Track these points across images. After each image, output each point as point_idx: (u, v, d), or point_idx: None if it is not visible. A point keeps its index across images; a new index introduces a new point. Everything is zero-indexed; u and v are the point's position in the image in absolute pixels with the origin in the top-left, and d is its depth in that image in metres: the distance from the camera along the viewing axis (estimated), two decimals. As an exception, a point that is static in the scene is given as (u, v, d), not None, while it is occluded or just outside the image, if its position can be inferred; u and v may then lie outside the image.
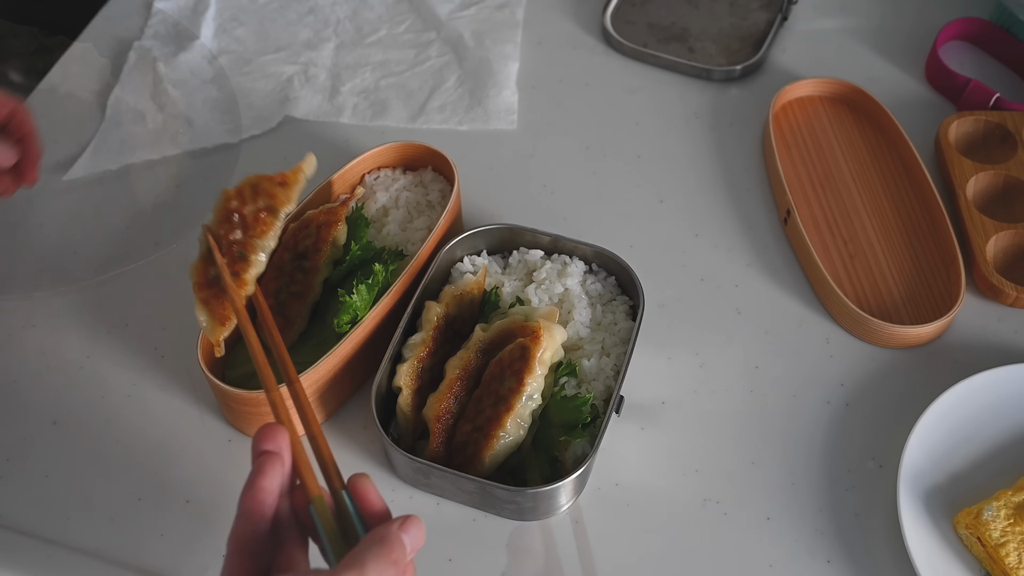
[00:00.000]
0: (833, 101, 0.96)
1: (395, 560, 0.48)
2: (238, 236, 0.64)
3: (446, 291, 0.75)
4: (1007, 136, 0.89)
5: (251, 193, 0.65)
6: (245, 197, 0.65)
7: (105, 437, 0.74)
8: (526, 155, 0.93)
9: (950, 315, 0.78)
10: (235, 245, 0.64)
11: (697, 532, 0.69)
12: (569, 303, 0.76)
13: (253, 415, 0.70)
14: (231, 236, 0.64)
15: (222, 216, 0.65)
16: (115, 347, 0.79)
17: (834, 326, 0.80)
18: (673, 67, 1.00)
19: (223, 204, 0.65)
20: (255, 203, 0.65)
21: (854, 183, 0.89)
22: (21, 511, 0.71)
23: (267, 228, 0.65)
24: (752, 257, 0.85)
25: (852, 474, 0.72)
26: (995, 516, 0.66)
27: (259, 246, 0.64)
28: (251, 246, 0.64)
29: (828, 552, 0.68)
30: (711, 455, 0.73)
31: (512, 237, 0.79)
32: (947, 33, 0.99)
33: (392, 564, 0.47)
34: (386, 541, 0.48)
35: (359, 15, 1.06)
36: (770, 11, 1.04)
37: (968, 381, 0.73)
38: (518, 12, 1.05)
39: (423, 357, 0.71)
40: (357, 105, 0.97)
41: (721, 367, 0.78)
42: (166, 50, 1.01)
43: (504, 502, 0.68)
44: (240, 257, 0.64)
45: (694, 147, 0.93)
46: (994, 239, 0.82)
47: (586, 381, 0.73)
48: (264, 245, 0.65)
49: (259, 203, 0.65)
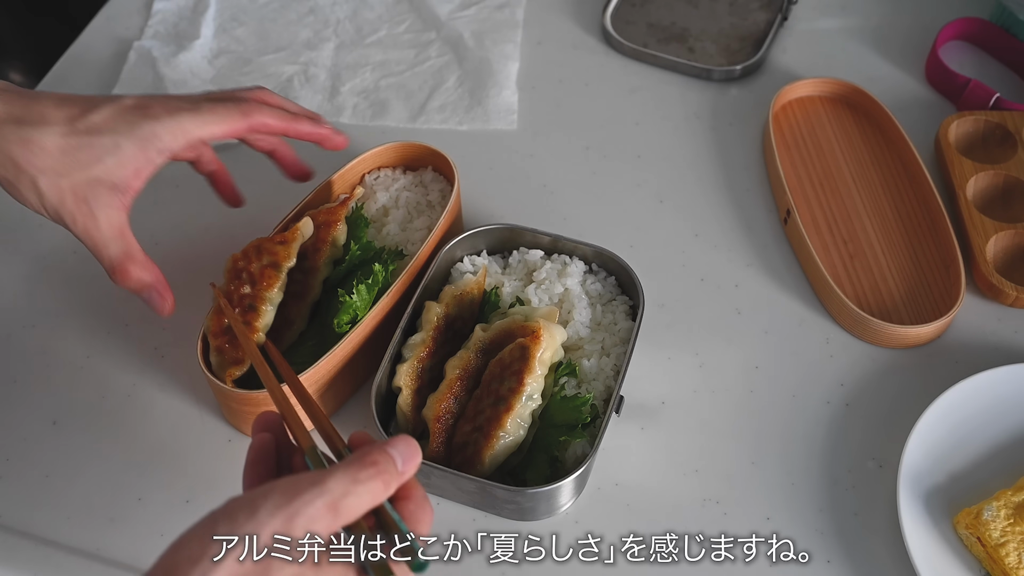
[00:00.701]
0: (833, 101, 0.96)
1: (373, 462, 0.48)
2: (247, 290, 0.71)
3: (446, 291, 0.75)
4: (1007, 136, 0.89)
5: (255, 253, 0.72)
6: (250, 257, 0.72)
7: (105, 437, 0.74)
8: (526, 155, 0.93)
9: (950, 315, 0.78)
10: (245, 298, 0.71)
11: (697, 532, 0.69)
12: (569, 303, 0.76)
13: (253, 415, 0.70)
14: (241, 291, 0.71)
15: (231, 275, 0.72)
16: (115, 347, 0.79)
17: (834, 326, 0.80)
18: (673, 67, 1.00)
19: (232, 265, 0.72)
20: (260, 261, 0.72)
21: (854, 183, 0.89)
22: (21, 511, 0.71)
23: (273, 282, 0.72)
24: (752, 257, 0.85)
25: (852, 474, 0.72)
26: (995, 516, 0.66)
27: (266, 298, 0.71)
28: (260, 298, 0.71)
29: (828, 552, 0.68)
30: (711, 455, 0.73)
31: (512, 237, 0.79)
32: (947, 33, 0.99)
33: (370, 466, 0.48)
34: (361, 455, 0.48)
35: (359, 15, 1.06)
36: (770, 11, 1.04)
37: (968, 381, 0.73)
38: (518, 12, 1.05)
39: (423, 357, 0.71)
40: (357, 105, 0.97)
41: (721, 367, 0.78)
42: (166, 50, 1.01)
43: (504, 502, 0.68)
44: (250, 308, 0.71)
45: (694, 147, 0.94)
46: (994, 239, 0.82)
47: (586, 381, 0.73)
48: (271, 297, 0.71)
49: (263, 260, 0.72)
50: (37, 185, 0.64)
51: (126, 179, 0.66)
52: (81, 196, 0.65)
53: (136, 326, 0.80)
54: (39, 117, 0.65)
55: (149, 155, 0.66)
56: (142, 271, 0.67)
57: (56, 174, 0.64)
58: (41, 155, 0.64)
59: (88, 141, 0.65)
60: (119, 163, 0.65)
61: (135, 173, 0.66)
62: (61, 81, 0.99)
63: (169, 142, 0.67)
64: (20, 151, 0.64)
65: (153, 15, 1.04)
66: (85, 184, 0.65)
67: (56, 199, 0.65)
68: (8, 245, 0.86)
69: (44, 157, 0.64)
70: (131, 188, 0.66)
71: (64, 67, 1.01)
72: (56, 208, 0.65)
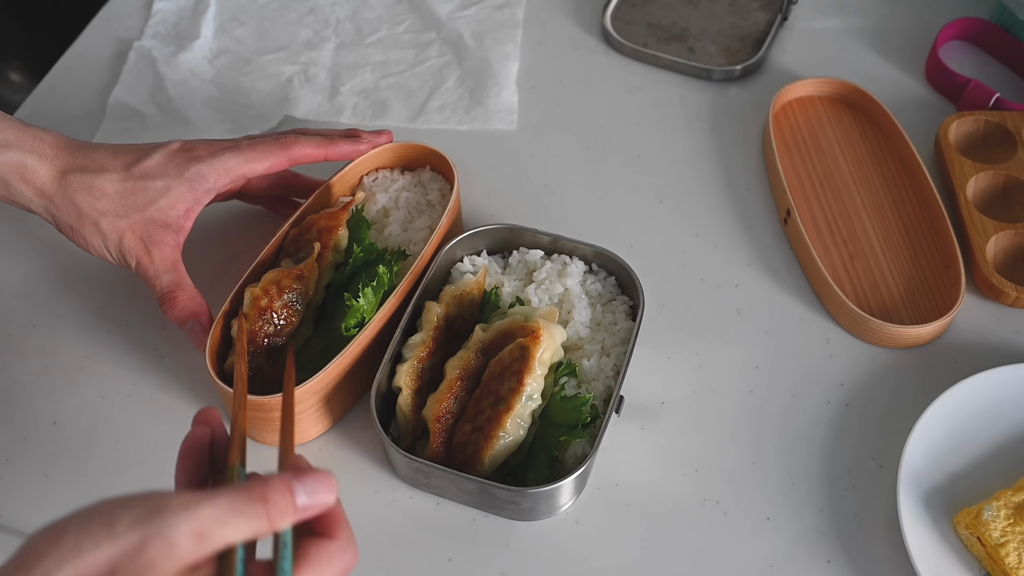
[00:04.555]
0: (833, 101, 0.96)
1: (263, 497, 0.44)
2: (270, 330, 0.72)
3: (446, 291, 0.75)
4: (1007, 136, 0.90)
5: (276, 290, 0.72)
6: (271, 294, 0.72)
7: (105, 437, 0.74)
8: (526, 155, 0.93)
9: (950, 315, 0.78)
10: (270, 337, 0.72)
11: (697, 532, 0.69)
12: (569, 303, 0.76)
13: (255, 419, 0.70)
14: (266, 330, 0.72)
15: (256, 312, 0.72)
16: (115, 347, 0.79)
17: (834, 326, 0.80)
18: (673, 67, 1.00)
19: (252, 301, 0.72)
20: (280, 298, 0.72)
21: (854, 183, 0.89)
22: (21, 511, 0.71)
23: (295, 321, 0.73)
24: (752, 257, 0.85)
25: (852, 474, 0.72)
26: (995, 516, 0.66)
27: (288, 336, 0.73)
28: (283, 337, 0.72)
29: (828, 552, 0.68)
30: (711, 455, 0.73)
31: (512, 237, 0.79)
32: (947, 33, 0.99)
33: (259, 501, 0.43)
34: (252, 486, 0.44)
35: (359, 15, 1.05)
36: (770, 11, 1.04)
37: (968, 381, 0.73)
38: (518, 12, 1.05)
39: (423, 357, 0.71)
40: (357, 105, 0.97)
41: (721, 367, 0.78)
42: (166, 50, 1.01)
43: (504, 502, 0.68)
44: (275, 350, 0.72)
45: (694, 147, 0.93)
46: (994, 239, 0.82)
47: (586, 381, 0.73)
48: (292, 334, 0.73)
49: (284, 298, 0.72)
50: (99, 226, 0.71)
51: (177, 218, 0.73)
52: (138, 234, 0.72)
53: (136, 326, 0.80)
54: (99, 165, 0.72)
55: (197, 194, 0.73)
56: (190, 301, 0.72)
57: (116, 215, 0.71)
58: (102, 199, 0.71)
59: (143, 185, 0.72)
60: (171, 203, 0.72)
61: (185, 213, 0.73)
62: (61, 81, 0.99)
63: (215, 181, 0.73)
64: (83, 197, 0.71)
65: (153, 15, 1.04)
66: (141, 224, 0.72)
67: (116, 238, 0.72)
68: (8, 245, 0.86)
69: (104, 201, 0.71)
70: (183, 228, 0.73)
71: (64, 67, 1.01)
72: (117, 246, 0.72)
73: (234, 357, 0.70)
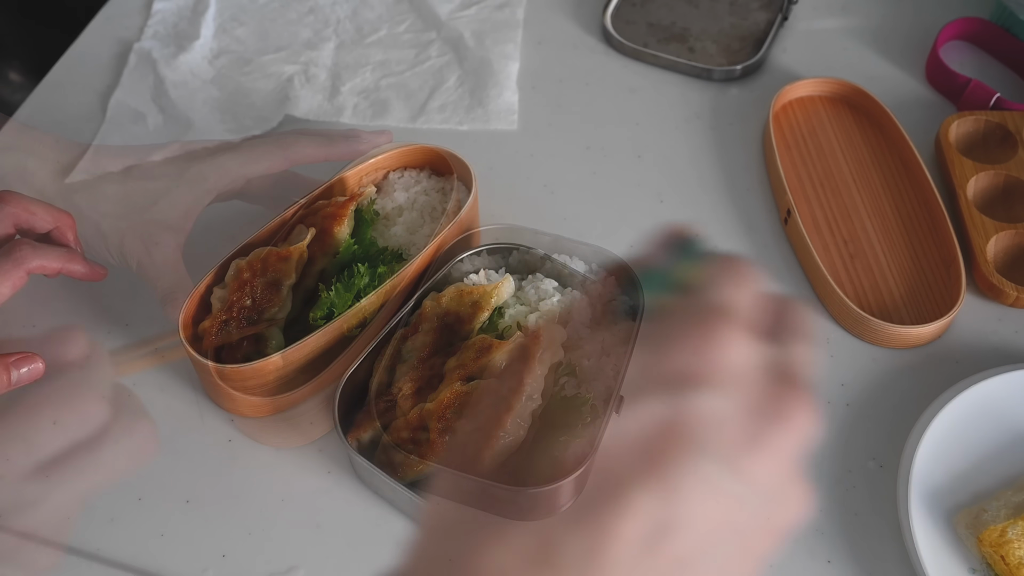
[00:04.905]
0: (833, 101, 0.96)
1: None
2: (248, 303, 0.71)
3: (447, 291, 0.75)
4: (1007, 136, 0.89)
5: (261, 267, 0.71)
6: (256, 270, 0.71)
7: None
8: (526, 155, 0.93)
9: (950, 315, 0.78)
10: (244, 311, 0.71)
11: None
12: (569, 303, 0.76)
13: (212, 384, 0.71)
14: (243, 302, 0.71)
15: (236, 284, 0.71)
16: (115, 347, 0.79)
17: (834, 326, 0.80)
18: (673, 67, 1.00)
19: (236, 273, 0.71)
20: (264, 276, 0.71)
21: (854, 183, 0.89)
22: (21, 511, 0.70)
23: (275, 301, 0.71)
24: (752, 257, 0.85)
25: (852, 474, 0.72)
26: (1020, 535, 0.65)
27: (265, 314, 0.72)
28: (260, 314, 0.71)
29: (828, 552, 0.68)
30: (711, 455, 0.73)
31: (512, 237, 0.79)
32: (947, 33, 0.99)
33: None
34: None
35: (359, 15, 1.05)
36: (770, 11, 1.04)
37: (968, 381, 0.73)
38: (518, 12, 1.05)
39: (423, 357, 0.71)
40: (357, 105, 0.97)
41: (721, 367, 0.78)
42: (166, 51, 1.01)
43: (504, 502, 0.68)
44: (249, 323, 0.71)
45: (694, 147, 0.93)
46: (994, 239, 0.82)
47: (586, 381, 0.72)
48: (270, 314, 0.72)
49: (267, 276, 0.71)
50: (100, 228, 0.71)
51: (178, 219, 0.72)
52: (139, 235, 0.71)
53: (136, 326, 0.80)
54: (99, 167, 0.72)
55: (197, 195, 0.73)
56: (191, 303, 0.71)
57: (116, 217, 0.71)
58: (103, 201, 0.71)
59: (143, 186, 0.72)
60: (171, 204, 0.72)
61: (186, 214, 0.73)
62: (61, 81, 0.99)
63: (215, 181, 0.73)
64: (84, 198, 0.71)
65: (153, 15, 1.04)
66: (142, 225, 0.71)
67: (117, 239, 0.71)
68: (8, 245, 0.86)
69: (105, 202, 0.71)
70: (184, 228, 0.73)
71: (64, 67, 1.00)
72: (118, 247, 0.72)
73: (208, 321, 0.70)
